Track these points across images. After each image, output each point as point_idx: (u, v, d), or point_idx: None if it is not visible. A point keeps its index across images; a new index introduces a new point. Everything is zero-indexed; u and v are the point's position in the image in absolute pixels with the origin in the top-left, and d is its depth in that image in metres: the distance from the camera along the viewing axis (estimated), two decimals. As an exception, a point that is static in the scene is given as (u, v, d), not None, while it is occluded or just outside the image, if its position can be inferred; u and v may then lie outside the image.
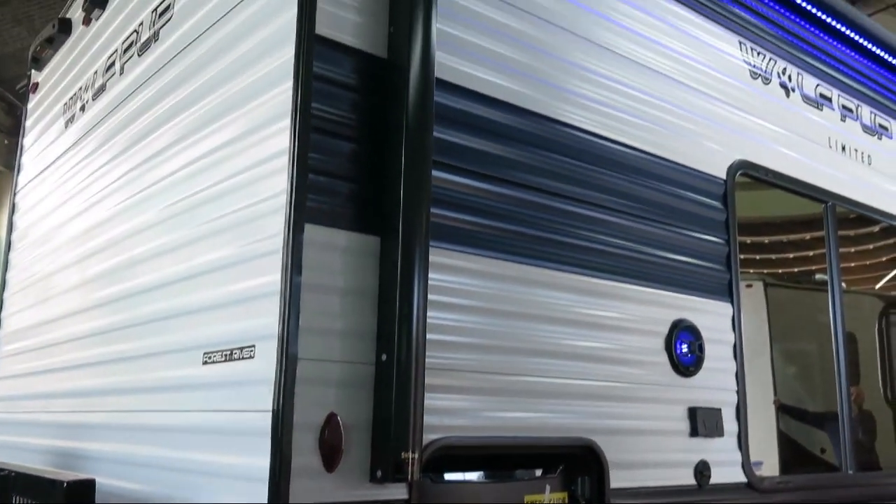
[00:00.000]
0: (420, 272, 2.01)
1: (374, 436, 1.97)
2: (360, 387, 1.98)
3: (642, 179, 2.79)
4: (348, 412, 1.94)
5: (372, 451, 1.97)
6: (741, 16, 3.37)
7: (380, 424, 1.96)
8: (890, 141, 4.15)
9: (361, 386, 1.98)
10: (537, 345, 2.37)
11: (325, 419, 1.90)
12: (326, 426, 1.90)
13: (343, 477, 1.91)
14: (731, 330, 3.03)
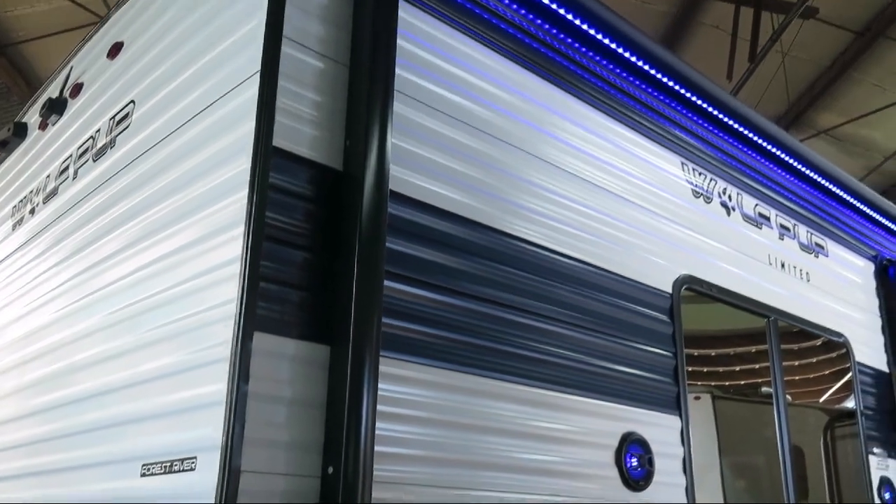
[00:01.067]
0: (370, 382, 2.00)
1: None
2: (305, 500, 1.92)
3: (591, 292, 2.84)
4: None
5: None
6: (683, 138, 3.55)
7: (324, 543, 1.90)
8: (826, 259, 4.32)
9: (306, 500, 1.93)
10: (487, 458, 2.34)
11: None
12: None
13: None
14: (681, 443, 3.04)
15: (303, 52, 2.22)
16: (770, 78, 8.67)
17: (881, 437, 4.17)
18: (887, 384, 4.35)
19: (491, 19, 2.77)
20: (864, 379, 4.22)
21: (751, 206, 3.89)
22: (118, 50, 3.12)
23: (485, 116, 2.69)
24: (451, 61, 2.63)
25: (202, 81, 2.44)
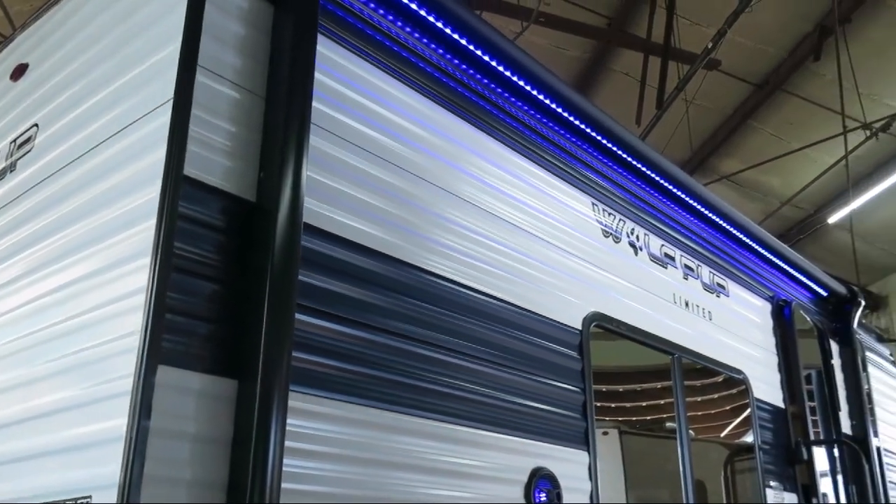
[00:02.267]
0: (278, 417, 1.96)
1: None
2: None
3: (502, 328, 2.88)
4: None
5: None
6: (594, 179, 3.66)
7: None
8: (727, 299, 4.50)
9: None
10: (396, 494, 2.32)
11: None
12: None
13: None
14: (589, 478, 3.08)
15: (218, 81, 2.20)
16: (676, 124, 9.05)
17: (777, 471, 4.33)
18: (783, 420, 4.54)
19: (409, 57, 2.82)
20: (762, 415, 4.39)
21: (657, 246, 4.02)
22: (22, 72, 3.01)
23: (401, 152, 2.71)
24: (368, 96, 2.64)
25: (112, 107, 2.38)
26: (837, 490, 4.78)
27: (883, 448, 5.65)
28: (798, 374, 4.69)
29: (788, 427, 4.53)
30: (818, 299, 5.42)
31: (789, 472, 4.43)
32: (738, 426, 4.99)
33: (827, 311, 5.49)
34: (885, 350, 6.85)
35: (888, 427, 5.99)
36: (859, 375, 5.47)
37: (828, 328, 5.37)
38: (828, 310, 5.50)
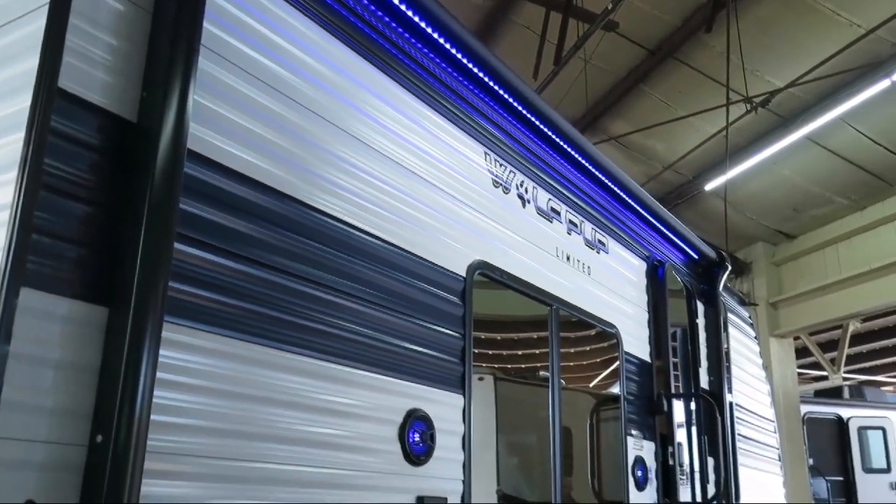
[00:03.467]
0: (150, 348, 1.90)
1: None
2: (69, 471, 1.80)
3: (386, 269, 2.88)
4: (51, 498, 1.75)
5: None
6: (488, 129, 3.67)
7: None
8: (606, 255, 4.66)
9: (70, 470, 1.80)
10: (269, 430, 2.31)
11: (23, 508, 1.70)
12: (24, 517, 1.70)
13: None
14: (462, 421, 3.16)
15: (100, -11, 2.05)
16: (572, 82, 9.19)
17: (639, 421, 4.57)
18: (648, 373, 4.78)
19: (309, -13, 2.72)
20: (630, 367, 4.61)
21: (545, 200, 4.11)
22: None
23: (295, 84, 2.63)
24: (264, 23, 2.54)
25: (-20, 6, 2.19)
26: (691, 440, 5.11)
27: (735, 403, 6.06)
28: (665, 331, 4.94)
29: (653, 380, 4.79)
30: (690, 262, 5.70)
31: (650, 421, 4.69)
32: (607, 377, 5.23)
33: (696, 274, 5.78)
34: (745, 313, 7.30)
35: (741, 384, 6.43)
36: (720, 335, 5.82)
37: (696, 289, 5.66)
38: (697, 272, 5.80)
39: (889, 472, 12.83)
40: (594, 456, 4.87)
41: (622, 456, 4.36)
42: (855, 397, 13.67)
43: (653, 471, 4.60)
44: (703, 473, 5.15)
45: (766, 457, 6.81)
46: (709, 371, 5.64)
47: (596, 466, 4.87)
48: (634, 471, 4.40)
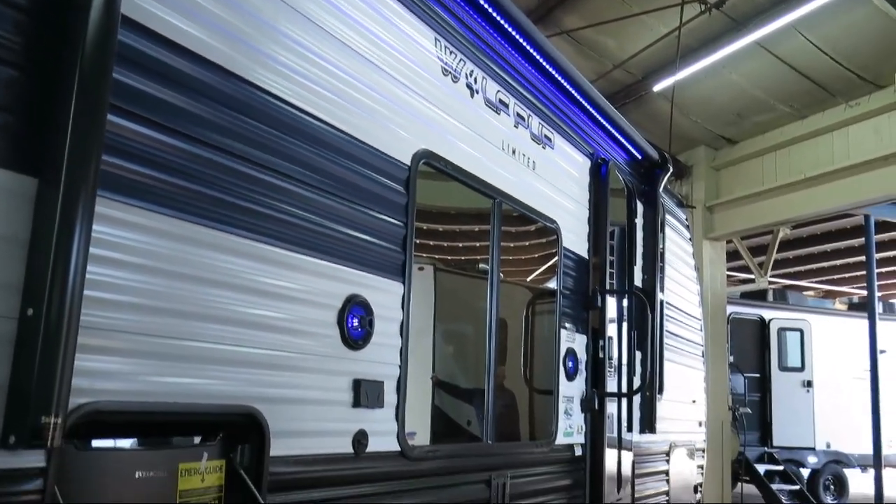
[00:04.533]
0: (83, 222, 1.85)
1: (10, 398, 1.77)
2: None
3: (329, 154, 2.83)
4: (-22, 370, 1.73)
5: (6, 414, 1.77)
6: (439, 14, 3.56)
7: (18, 385, 1.77)
8: (552, 151, 4.66)
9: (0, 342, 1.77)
10: (205, 309, 2.30)
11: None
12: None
13: (-36, 442, 1.69)
14: (401, 308, 3.20)
15: None
16: (527, -29, 8.92)
17: (573, 315, 4.70)
18: (585, 269, 4.88)
19: None
20: (567, 263, 4.70)
21: (493, 91, 4.05)
22: None
23: (239, -48, 2.49)
24: None
25: None
26: (621, 335, 5.29)
27: (665, 301, 6.28)
28: (605, 229, 5.02)
29: (589, 276, 4.89)
30: (633, 161, 5.75)
31: (583, 316, 4.83)
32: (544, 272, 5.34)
33: (638, 174, 5.85)
34: (682, 215, 7.47)
35: (673, 283, 6.64)
36: (657, 235, 5.96)
37: (637, 189, 5.74)
38: (639, 172, 5.86)
39: (802, 371, 13.60)
40: (528, 347, 5.02)
41: (555, 347, 4.50)
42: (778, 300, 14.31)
43: (583, 362, 4.77)
44: (631, 366, 5.37)
45: (690, 353, 7.12)
46: (643, 269, 5.79)
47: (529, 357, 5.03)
48: (566, 362, 4.55)
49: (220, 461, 2.42)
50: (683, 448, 6.71)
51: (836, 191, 9.17)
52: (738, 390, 12.45)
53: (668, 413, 6.19)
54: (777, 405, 13.38)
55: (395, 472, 3.10)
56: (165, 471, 2.24)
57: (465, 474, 3.59)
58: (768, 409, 13.38)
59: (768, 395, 13.44)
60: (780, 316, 13.84)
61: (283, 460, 2.54)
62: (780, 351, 13.63)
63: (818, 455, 13.50)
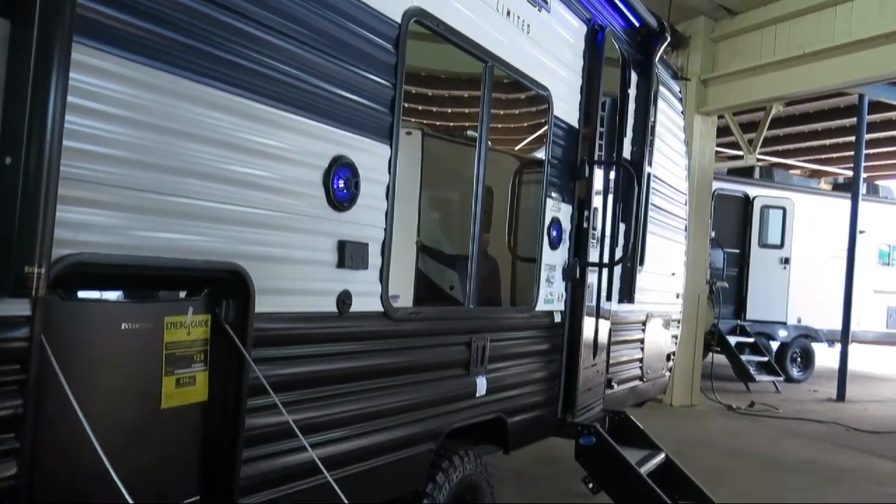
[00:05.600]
0: (60, 68, 1.78)
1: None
2: (-24, 192, 1.74)
3: (318, 8, 2.71)
4: (-40, 218, 1.71)
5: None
6: None
7: (1, 235, 1.76)
8: (548, 15, 4.50)
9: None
10: (189, 165, 2.27)
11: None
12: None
13: (-49, 289, 1.70)
14: (387, 171, 3.17)
15: None
16: None
17: (560, 184, 4.69)
18: (574, 139, 4.83)
19: None
20: (557, 132, 4.64)
21: (489, -53, 3.86)
22: None
23: None
24: None
25: None
26: (606, 206, 5.31)
27: (652, 174, 6.27)
28: (597, 98, 4.93)
29: (578, 146, 4.84)
30: (630, 29, 5.58)
31: (570, 186, 4.82)
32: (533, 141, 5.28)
33: (635, 42, 5.69)
34: (676, 87, 7.33)
35: (661, 157, 6.61)
36: (649, 107, 5.87)
37: (632, 58, 5.60)
38: (636, 41, 5.70)
39: (781, 248, 13.83)
40: (513, 215, 5.04)
41: (540, 216, 4.52)
42: (764, 178, 14.35)
43: (567, 232, 4.81)
44: (614, 237, 5.42)
45: (673, 226, 7.19)
46: (633, 141, 5.74)
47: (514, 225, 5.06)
48: (550, 231, 4.58)
49: (206, 316, 2.45)
50: (659, 318, 6.90)
51: (834, 68, 9.00)
52: (716, 265, 12.69)
53: (647, 284, 6.31)
54: (753, 280, 13.69)
55: (378, 331, 3.17)
56: (151, 323, 2.27)
57: (446, 336, 3.68)
58: (744, 284, 13.69)
59: (746, 271, 13.71)
60: (764, 193, 13.92)
61: (268, 317, 2.59)
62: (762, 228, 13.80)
63: (788, 329, 13.95)
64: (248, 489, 2.56)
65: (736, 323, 13.52)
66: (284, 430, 2.61)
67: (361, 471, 3.07)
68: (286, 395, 2.65)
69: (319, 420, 2.84)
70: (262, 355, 2.56)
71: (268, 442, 2.63)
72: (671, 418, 9.99)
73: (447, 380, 3.67)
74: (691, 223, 8.30)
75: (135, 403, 2.25)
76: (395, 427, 3.28)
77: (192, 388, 2.40)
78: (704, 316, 11.52)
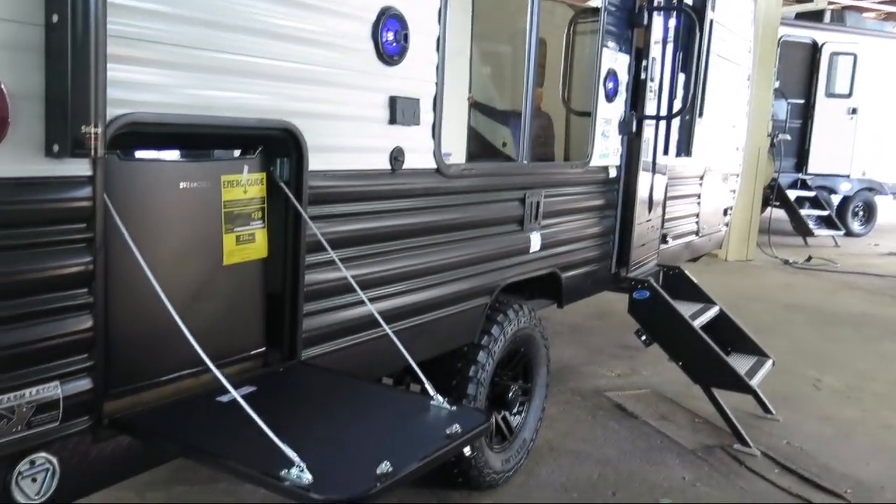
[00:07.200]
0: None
1: (48, 108, 1.78)
2: (27, 51, 1.73)
3: None
4: (14, 79, 1.71)
5: (47, 124, 1.78)
6: None
7: (55, 95, 1.76)
8: None
9: (28, 50, 1.74)
10: (238, 20, 2.22)
11: (-14, 85, 1.67)
12: (-12, 93, 1.67)
13: (13, 150, 1.72)
14: (437, 23, 3.06)
15: None
16: None
17: (617, 33, 4.49)
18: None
19: None
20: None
21: None
22: None
23: None
24: None
25: None
26: (665, 55, 5.08)
27: (715, 20, 5.94)
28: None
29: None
30: None
31: (628, 35, 4.61)
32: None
33: None
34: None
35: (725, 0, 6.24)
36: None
37: None
38: None
39: (849, 98, 13.23)
40: (567, 67, 4.88)
41: (595, 68, 4.36)
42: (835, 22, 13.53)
43: (624, 84, 4.64)
44: (673, 89, 5.22)
45: (735, 76, 6.89)
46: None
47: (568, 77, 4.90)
48: (606, 83, 4.43)
49: (261, 174, 2.47)
50: (718, 172, 6.75)
51: None
52: (779, 116, 12.23)
53: (706, 137, 6.14)
54: (818, 132, 13.20)
55: (431, 188, 3.17)
56: (208, 182, 2.30)
57: (499, 192, 3.66)
58: (808, 136, 13.23)
59: (810, 122, 13.22)
60: (834, 39, 13.16)
61: (322, 174, 2.60)
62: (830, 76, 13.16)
63: (852, 182, 13.57)
64: (310, 341, 2.66)
65: (797, 177, 13.17)
66: (343, 286, 2.68)
67: (417, 324, 3.16)
68: (343, 251, 2.69)
69: (375, 276, 2.90)
70: (317, 213, 2.59)
71: (327, 297, 2.70)
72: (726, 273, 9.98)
73: (501, 236, 3.69)
74: (754, 72, 7.94)
75: (198, 261, 2.32)
76: (450, 283, 3.34)
77: (251, 245, 2.46)
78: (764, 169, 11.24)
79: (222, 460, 1.92)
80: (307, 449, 1.82)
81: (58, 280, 1.84)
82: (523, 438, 4.00)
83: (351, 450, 2.03)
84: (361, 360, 2.86)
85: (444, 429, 2.14)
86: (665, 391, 5.36)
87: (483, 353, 3.58)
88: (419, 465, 1.96)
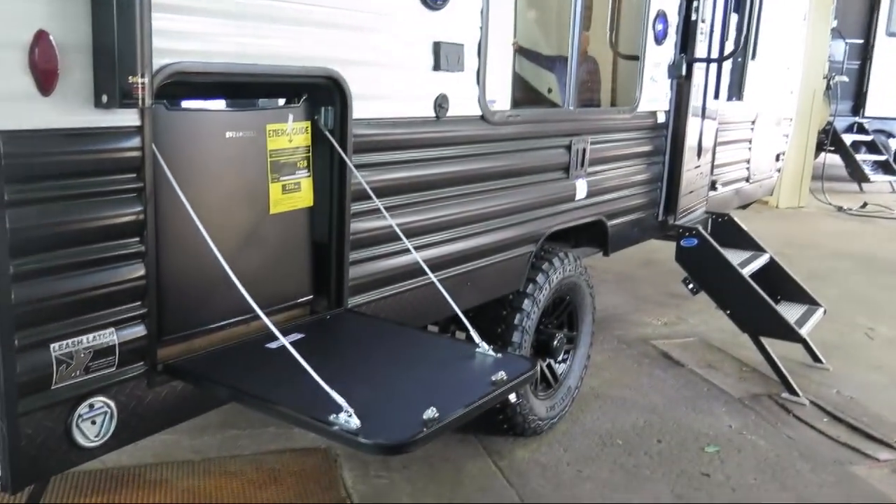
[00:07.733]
0: None
1: (96, 58, 1.79)
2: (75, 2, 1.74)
3: None
4: (62, 30, 1.72)
5: (95, 75, 1.80)
6: None
7: (102, 45, 1.77)
8: None
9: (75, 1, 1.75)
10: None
11: (35, 37, 1.68)
12: (36, 45, 1.68)
13: (63, 102, 1.74)
14: (482, -35, 3.00)
15: None
16: None
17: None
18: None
19: None
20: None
21: None
22: None
23: None
24: None
25: None
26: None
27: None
28: None
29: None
30: None
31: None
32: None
33: None
34: None
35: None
36: None
37: None
38: None
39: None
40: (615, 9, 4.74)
41: (644, 9, 4.24)
42: (898, -44, 12.89)
43: (674, 25, 4.51)
44: (724, 30, 5.05)
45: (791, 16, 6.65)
46: None
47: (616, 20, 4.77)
48: (655, 25, 4.31)
49: (306, 123, 2.47)
50: (770, 116, 6.56)
51: None
52: (836, 57, 11.78)
53: (759, 80, 5.95)
54: (877, 73, 12.69)
55: (476, 135, 3.14)
56: (254, 131, 2.31)
57: (545, 139, 3.62)
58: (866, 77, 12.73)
59: (868, 63, 12.71)
60: (896, -26, 12.57)
61: (366, 123, 2.58)
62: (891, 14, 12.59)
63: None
64: (356, 289, 2.69)
65: (853, 120, 12.73)
66: (388, 234, 2.68)
67: (462, 273, 3.16)
68: (388, 200, 2.70)
69: (420, 224, 2.90)
70: (362, 161, 2.59)
71: (373, 245, 2.71)
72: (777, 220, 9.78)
73: (546, 183, 3.65)
74: (810, 11, 7.64)
75: (245, 210, 2.34)
76: (495, 231, 3.33)
77: (297, 193, 2.47)
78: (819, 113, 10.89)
79: (272, 405, 1.97)
80: (355, 394, 1.85)
81: (110, 229, 1.88)
82: (568, 386, 4.01)
83: (397, 396, 2.06)
84: (407, 308, 2.88)
85: (490, 376, 2.15)
86: (712, 340, 5.32)
87: (528, 301, 3.58)
88: (465, 412, 1.98)
